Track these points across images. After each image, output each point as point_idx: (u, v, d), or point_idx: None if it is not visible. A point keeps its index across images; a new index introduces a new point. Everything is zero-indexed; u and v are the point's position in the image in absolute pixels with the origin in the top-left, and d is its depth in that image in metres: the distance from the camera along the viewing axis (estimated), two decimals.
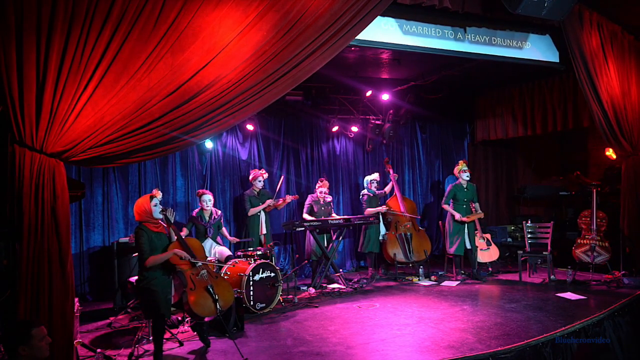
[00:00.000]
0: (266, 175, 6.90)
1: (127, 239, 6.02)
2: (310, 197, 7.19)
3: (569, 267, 6.65)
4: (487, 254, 7.30)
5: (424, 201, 9.35)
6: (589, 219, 6.69)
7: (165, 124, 3.51)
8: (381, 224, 7.57)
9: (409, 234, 7.49)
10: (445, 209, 7.07)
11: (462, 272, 7.29)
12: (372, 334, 4.63)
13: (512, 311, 5.21)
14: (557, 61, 6.32)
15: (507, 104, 8.62)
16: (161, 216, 4.22)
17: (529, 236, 7.08)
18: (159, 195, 4.29)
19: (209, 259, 5.02)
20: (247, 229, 6.83)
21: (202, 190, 6.31)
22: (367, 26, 4.34)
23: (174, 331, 4.79)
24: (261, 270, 5.53)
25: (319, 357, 4.08)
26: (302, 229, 6.52)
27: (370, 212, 7.44)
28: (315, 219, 6.81)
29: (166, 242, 4.23)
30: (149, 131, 3.48)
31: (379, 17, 4.63)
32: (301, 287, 6.73)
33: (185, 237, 4.50)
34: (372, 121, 8.49)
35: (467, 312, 5.27)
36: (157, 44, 3.48)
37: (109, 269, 6.07)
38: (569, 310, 5.17)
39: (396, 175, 7.95)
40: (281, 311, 5.59)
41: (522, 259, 6.93)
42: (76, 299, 3.63)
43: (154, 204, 4.17)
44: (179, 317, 5.03)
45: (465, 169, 7.01)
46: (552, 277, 6.67)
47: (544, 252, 6.72)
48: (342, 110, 8.24)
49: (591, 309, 5.14)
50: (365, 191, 7.64)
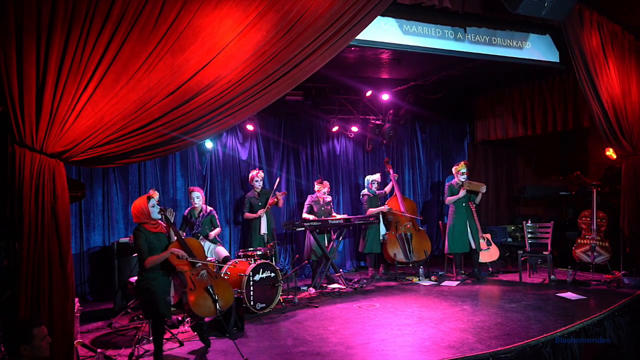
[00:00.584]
0: (262, 174, 6.89)
1: (128, 239, 6.03)
2: (310, 197, 7.20)
3: (569, 267, 6.64)
4: (487, 254, 7.29)
5: (424, 201, 9.35)
6: (589, 219, 6.68)
7: (165, 124, 3.51)
8: (381, 224, 7.56)
9: (409, 234, 7.49)
10: (449, 201, 7.03)
11: (462, 272, 7.29)
12: (372, 334, 4.63)
13: (512, 311, 5.21)
14: (557, 61, 6.31)
15: (507, 104, 8.61)
16: (160, 217, 4.21)
17: (529, 236, 7.07)
18: (156, 195, 4.28)
19: (208, 259, 5.02)
20: (247, 228, 6.84)
21: (191, 187, 6.32)
22: (367, 26, 4.33)
23: (174, 331, 4.79)
24: (261, 270, 5.53)
25: (319, 357, 4.08)
26: (302, 229, 6.52)
27: (372, 212, 7.44)
28: (315, 218, 6.81)
29: (166, 242, 4.23)
30: (149, 131, 3.48)
31: (379, 17, 4.62)
32: (301, 287, 6.72)
33: (184, 237, 4.51)
34: (372, 121, 8.49)
35: (467, 312, 5.27)
36: (157, 44, 3.47)
37: (109, 269, 6.08)
38: (569, 310, 5.17)
39: (396, 175, 7.94)
40: (281, 311, 5.59)
41: (522, 259, 6.92)
42: (76, 299, 3.63)
43: (151, 204, 4.16)
44: (179, 317, 5.03)
45: (463, 170, 6.98)
46: (552, 277, 6.67)
47: (544, 252, 6.71)
48: (342, 110, 8.24)
49: (591, 309, 5.14)
50: (365, 191, 7.63)
